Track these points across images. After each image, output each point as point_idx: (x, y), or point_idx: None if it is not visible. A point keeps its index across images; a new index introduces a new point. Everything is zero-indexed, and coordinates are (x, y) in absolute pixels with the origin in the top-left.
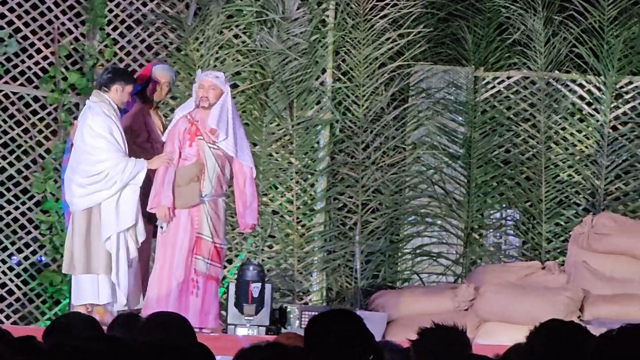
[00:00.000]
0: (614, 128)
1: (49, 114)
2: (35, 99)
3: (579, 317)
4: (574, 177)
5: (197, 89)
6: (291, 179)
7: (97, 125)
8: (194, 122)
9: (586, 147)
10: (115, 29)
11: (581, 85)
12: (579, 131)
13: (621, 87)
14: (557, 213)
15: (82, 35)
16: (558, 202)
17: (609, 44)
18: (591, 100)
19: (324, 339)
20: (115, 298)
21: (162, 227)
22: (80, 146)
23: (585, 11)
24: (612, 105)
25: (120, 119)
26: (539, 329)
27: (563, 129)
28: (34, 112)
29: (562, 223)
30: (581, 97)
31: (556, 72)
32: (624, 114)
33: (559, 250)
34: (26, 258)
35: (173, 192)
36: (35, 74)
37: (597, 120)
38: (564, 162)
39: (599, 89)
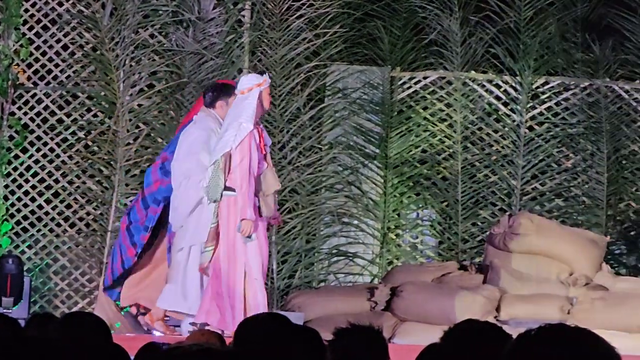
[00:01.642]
0: (530, 128)
1: None
2: None
3: (495, 316)
4: (490, 177)
5: (267, 94)
6: None
7: (194, 136)
8: (260, 131)
9: (502, 147)
10: (31, 28)
11: (497, 86)
12: (496, 131)
13: (537, 88)
14: (473, 213)
15: None
16: (474, 202)
17: (525, 44)
18: (507, 101)
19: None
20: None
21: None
22: (174, 165)
23: (501, 12)
24: (529, 106)
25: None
26: (453, 329)
27: (479, 129)
28: None
29: (479, 223)
30: (497, 97)
31: (472, 72)
32: (540, 114)
33: (475, 250)
34: None
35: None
36: None
37: (514, 121)
38: (480, 162)
39: (515, 89)
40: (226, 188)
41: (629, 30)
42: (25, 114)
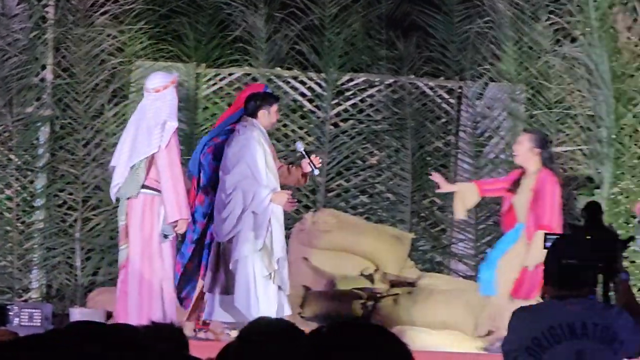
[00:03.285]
0: (335, 125)
1: None
2: None
3: (299, 313)
4: None
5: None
6: (11, 176)
7: (242, 146)
8: None
9: (307, 143)
10: None
11: (302, 82)
12: (301, 128)
13: (342, 84)
14: None
15: None
16: None
17: (329, 41)
18: (312, 97)
19: None
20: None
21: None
22: (220, 173)
23: (306, 8)
24: (333, 102)
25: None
26: (248, 328)
27: (285, 125)
28: None
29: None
30: (302, 94)
31: (278, 68)
32: (345, 110)
33: None
34: None
35: None
36: None
37: (318, 117)
38: (285, 159)
39: (320, 86)
40: (146, 187)
41: (433, 27)
42: None
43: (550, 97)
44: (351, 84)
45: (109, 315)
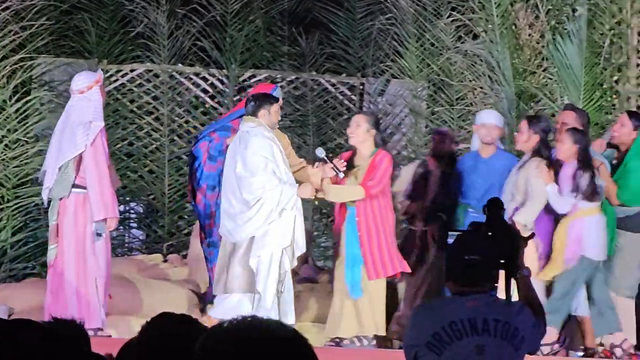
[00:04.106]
0: None
1: None
2: None
3: (202, 309)
4: None
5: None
6: None
7: (259, 147)
8: None
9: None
10: None
11: (204, 79)
12: (203, 124)
13: (244, 81)
14: (180, 206)
15: None
16: (181, 195)
17: (231, 37)
18: (214, 94)
19: None
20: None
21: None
22: (240, 174)
23: (208, 5)
24: (235, 99)
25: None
26: (149, 323)
27: (186, 121)
28: None
29: (185, 216)
30: (204, 90)
31: (180, 65)
32: None
33: (181, 244)
34: None
35: None
36: None
37: (221, 114)
38: (187, 156)
39: (222, 82)
40: (77, 186)
41: (335, 24)
42: None
43: (452, 93)
44: (253, 80)
45: (11, 311)
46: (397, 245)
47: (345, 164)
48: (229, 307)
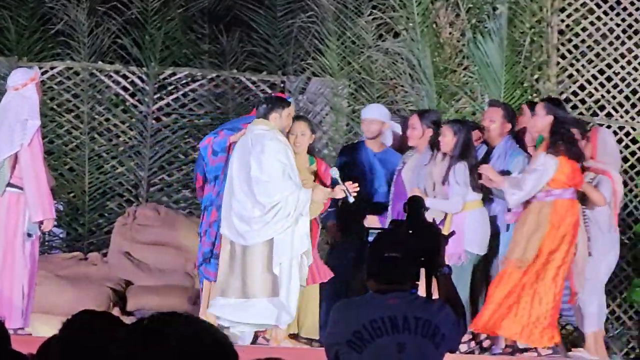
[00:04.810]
0: (158, 119)
1: None
2: None
3: (122, 307)
4: (117, 168)
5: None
6: None
7: (276, 151)
8: None
9: (130, 138)
10: None
11: (125, 76)
12: (123, 122)
13: (164, 79)
14: (100, 204)
15: None
16: (102, 193)
17: (151, 35)
18: (134, 92)
19: None
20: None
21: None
22: (257, 177)
23: (128, 2)
24: (156, 97)
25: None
26: (70, 321)
27: (107, 119)
28: None
29: (106, 214)
30: (125, 88)
31: (100, 62)
32: (168, 105)
33: (102, 242)
34: None
35: None
36: None
37: (141, 112)
38: (107, 153)
39: (142, 80)
40: (12, 185)
41: (256, 22)
42: None
43: (373, 92)
44: (173, 78)
45: None
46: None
47: (357, 187)
48: (254, 312)
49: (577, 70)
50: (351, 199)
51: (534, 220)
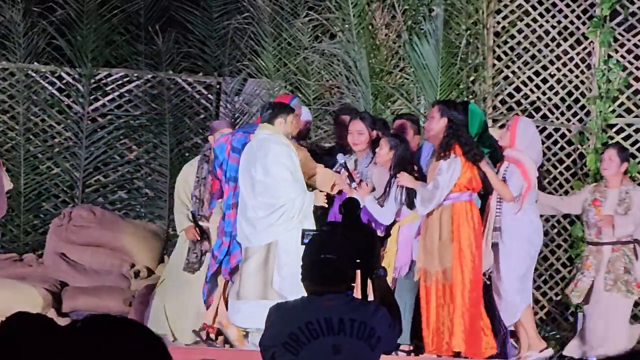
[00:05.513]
0: (93, 120)
1: None
2: None
3: (58, 309)
4: (53, 169)
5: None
6: None
7: (280, 155)
8: None
9: (65, 139)
10: None
11: (60, 77)
12: (58, 123)
13: (100, 79)
14: (36, 205)
15: None
16: (37, 194)
17: (86, 36)
18: (70, 92)
19: None
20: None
21: None
22: (261, 180)
23: (64, 3)
24: (91, 97)
25: None
26: (4, 322)
27: (42, 120)
28: None
29: (41, 215)
30: (60, 89)
31: (35, 63)
32: (103, 105)
33: (37, 243)
34: None
35: None
36: None
37: (76, 112)
38: (43, 154)
39: (78, 81)
40: None
41: (192, 23)
42: None
43: (309, 93)
44: (109, 79)
45: None
46: None
47: (360, 176)
48: (246, 314)
49: (513, 72)
50: (354, 185)
51: (436, 226)
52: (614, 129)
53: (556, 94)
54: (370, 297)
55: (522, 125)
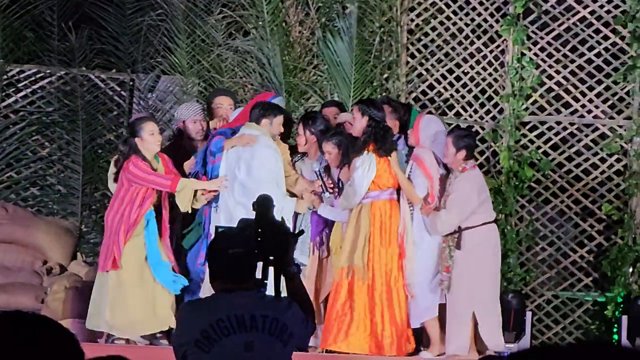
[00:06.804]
0: (6, 116)
1: None
2: None
3: None
4: None
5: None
6: None
7: (266, 158)
8: None
9: None
10: None
11: None
12: None
13: (12, 76)
14: None
15: None
16: None
17: None
18: None
19: None
20: None
21: None
22: (243, 181)
23: None
24: (3, 94)
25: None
26: None
27: None
28: None
29: None
30: None
31: None
32: (16, 102)
33: None
34: None
35: None
36: None
37: None
38: None
39: None
40: None
41: (105, 20)
42: None
43: None
44: (22, 75)
45: None
46: None
47: (332, 185)
48: None
49: (427, 70)
50: (327, 194)
51: (353, 224)
52: (527, 127)
53: (470, 91)
54: (284, 294)
55: (424, 122)
